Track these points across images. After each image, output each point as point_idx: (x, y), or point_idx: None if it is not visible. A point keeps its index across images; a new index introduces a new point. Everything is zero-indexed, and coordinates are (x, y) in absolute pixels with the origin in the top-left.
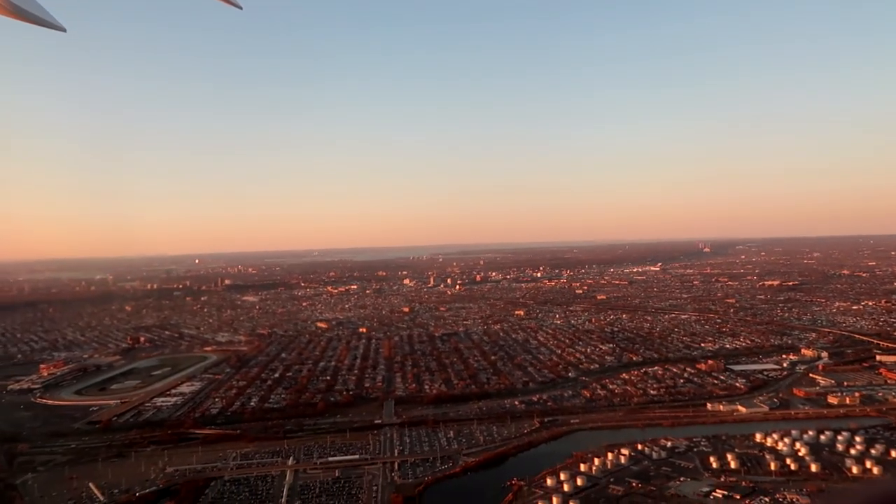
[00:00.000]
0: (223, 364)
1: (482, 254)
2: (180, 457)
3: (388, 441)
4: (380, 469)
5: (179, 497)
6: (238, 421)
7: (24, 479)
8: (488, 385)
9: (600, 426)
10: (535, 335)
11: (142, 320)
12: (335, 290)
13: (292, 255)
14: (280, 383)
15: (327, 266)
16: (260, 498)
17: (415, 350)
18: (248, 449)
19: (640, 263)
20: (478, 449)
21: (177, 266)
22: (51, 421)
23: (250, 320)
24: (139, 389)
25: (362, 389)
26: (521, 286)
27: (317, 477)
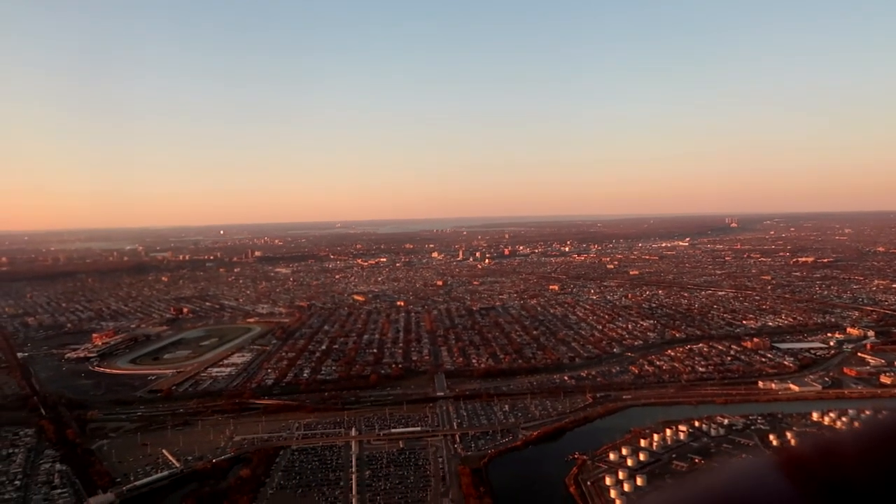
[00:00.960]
0: (268, 335)
1: (505, 227)
2: (245, 426)
3: (445, 414)
4: (441, 441)
5: (252, 465)
6: (294, 392)
7: (98, 444)
8: (535, 360)
9: (653, 402)
10: (574, 310)
11: (180, 291)
12: (365, 263)
13: (315, 226)
14: (328, 355)
15: (352, 238)
16: (329, 467)
17: (455, 324)
18: (310, 419)
19: (668, 238)
20: (535, 423)
21: (202, 237)
22: (113, 389)
23: (287, 292)
24: (191, 360)
25: (410, 363)
26: (551, 260)
27: (381, 448)
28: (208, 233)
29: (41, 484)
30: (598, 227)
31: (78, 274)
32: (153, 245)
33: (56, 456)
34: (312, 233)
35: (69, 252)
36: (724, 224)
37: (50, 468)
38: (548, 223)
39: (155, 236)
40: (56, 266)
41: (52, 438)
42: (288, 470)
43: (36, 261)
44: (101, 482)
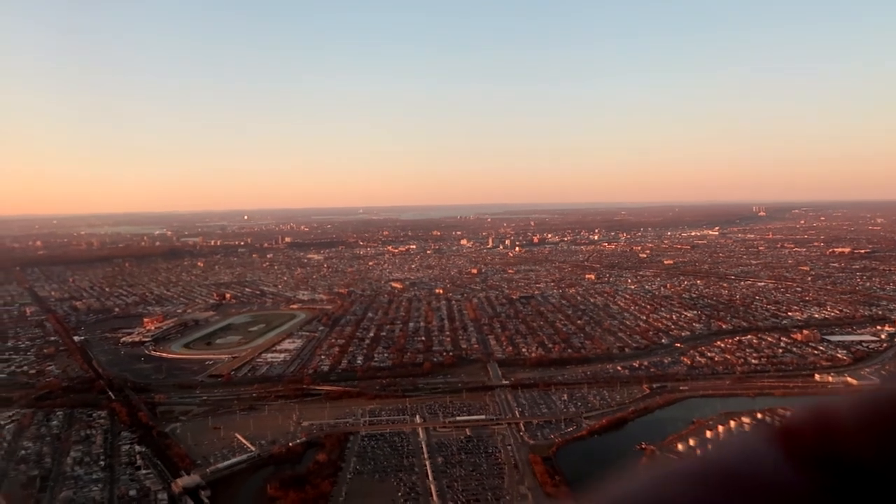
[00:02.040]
0: (314, 322)
1: (529, 214)
2: (310, 411)
3: (505, 402)
4: (506, 429)
5: (326, 450)
6: (350, 378)
7: (172, 427)
8: (584, 349)
9: (710, 394)
10: (614, 300)
11: (218, 277)
12: (396, 250)
13: (338, 212)
14: (378, 342)
15: (376, 224)
16: (401, 453)
17: (498, 313)
18: (373, 406)
19: (697, 227)
20: (596, 412)
21: (227, 222)
22: (172, 373)
23: (323, 279)
24: (243, 345)
25: (460, 351)
26: (581, 249)
27: (449, 435)
28: (232, 218)
29: (124, 465)
30: (622, 214)
31: (115, 258)
32: (181, 230)
33: (133, 438)
34: (336, 219)
35: (100, 236)
36: (752, 213)
37: (130, 449)
38: (571, 210)
39: (180, 221)
40: (91, 251)
41: (126, 421)
42: (361, 455)
43: (70, 245)
44: (183, 464)
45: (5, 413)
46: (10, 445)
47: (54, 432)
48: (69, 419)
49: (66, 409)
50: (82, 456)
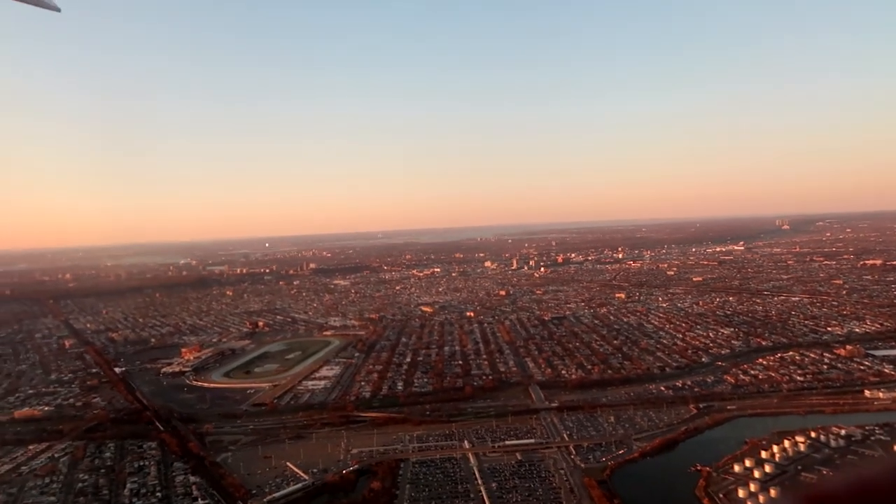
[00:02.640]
0: (349, 348)
1: (547, 233)
2: (358, 439)
3: (552, 425)
4: (557, 453)
5: (379, 477)
6: (393, 404)
7: (223, 457)
8: (624, 370)
9: (760, 413)
10: (648, 318)
11: (248, 305)
12: (420, 274)
13: (357, 237)
14: (416, 367)
15: (397, 248)
16: (454, 480)
17: (532, 334)
18: (419, 432)
19: (721, 242)
20: (646, 434)
21: (249, 250)
22: (217, 403)
23: (353, 304)
24: (282, 373)
25: (499, 374)
26: (607, 268)
27: (500, 460)
28: (253, 245)
29: (181, 495)
30: (643, 231)
31: (145, 289)
32: (204, 259)
33: (186, 468)
34: (357, 244)
35: (126, 267)
36: (775, 226)
37: (184, 480)
38: (591, 229)
39: (202, 250)
40: (120, 282)
41: (178, 451)
42: (415, 482)
43: (98, 277)
44: (238, 494)
45: (58, 445)
46: (66, 478)
47: (108, 464)
48: (121, 450)
49: (116, 440)
50: (138, 487)
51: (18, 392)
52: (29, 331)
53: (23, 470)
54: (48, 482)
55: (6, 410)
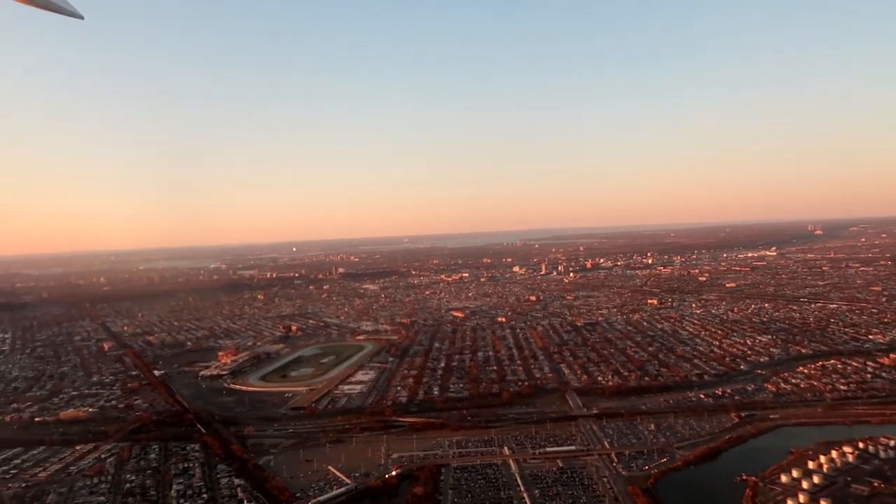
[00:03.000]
0: (383, 353)
1: (575, 239)
2: (398, 443)
3: (591, 432)
4: (598, 460)
5: (420, 482)
6: (430, 409)
7: (265, 460)
8: (661, 377)
9: (804, 422)
10: (682, 325)
11: (279, 309)
12: (449, 278)
13: (383, 241)
14: (450, 373)
15: (424, 253)
16: (496, 486)
17: (565, 340)
18: (458, 437)
19: (753, 248)
20: (688, 443)
21: (276, 254)
22: (256, 406)
23: (383, 309)
24: (317, 377)
25: (535, 380)
26: (637, 273)
27: (541, 467)
28: (281, 250)
29: (227, 497)
30: (671, 236)
31: (178, 293)
32: (234, 263)
33: (230, 470)
34: (383, 248)
35: (158, 271)
36: (807, 231)
37: (229, 482)
38: (618, 234)
39: (232, 254)
40: (153, 285)
41: (221, 454)
42: (457, 488)
43: (132, 280)
44: (283, 497)
45: (104, 446)
46: (114, 478)
47: (153, 465)
48: (165, 452)
49: (160, 442)
50: (184, 489)
51: (62, 393)
52: (68, 333)
53: (71, 470)
54: (97, 482)
55: (52, 411)
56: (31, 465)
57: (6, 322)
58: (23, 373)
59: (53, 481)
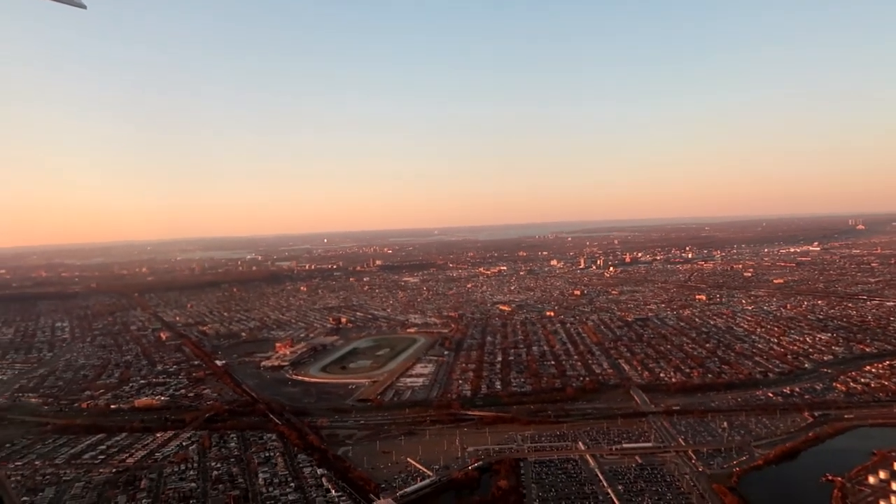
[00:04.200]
0: (436, 346)
1: (607, 232)
2: (471, 437)
3: (663, 429)
4: (676, 457)
5: (501, 476)
6: (496, 403)
7: (344, 450)
8: (724, 375)
9: (882, 423)
10: (735, 322)
11: (324, 301)
12: (487, 272)
13: (413, 233)
14: (509, 367)
15: (457, 246)
16: (577, 481)
17: (619, 336)
18: (530, 431)
19: (793, 242)
20: (764, 442)
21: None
22: (322, 397)
23: (427, 302)
24: (376, 370)
25: (596, 375)
26: (677, 268)
27: (619, 463)
28: (312, 241)
29: (313, 487)
30: (707, 230)
31: (221, 283)
32: (268, 253)
33: (311, 460)
34: (414, 240)
35: (197, 261)
36: (848, 226)
37: (312, 471)
38: (651, 227)
39: (264, 245)
40: (195, 276)
41: (299, 444)
42: (539, 482)
43: (174, 270)
44: (369, 488)
45: (183, 434)
46: (199, 465)
47: (235, 454)
48: (244, 441)
49: (236, 431)
50: (270, 477)
51: (131, 381)
52: (123, 323)
53: (157, 456)
54: (183, 469)
55: (125, 399)
56: (116, 451)
57: (61, 311)
58: (88, 361)
59: (142, 467)
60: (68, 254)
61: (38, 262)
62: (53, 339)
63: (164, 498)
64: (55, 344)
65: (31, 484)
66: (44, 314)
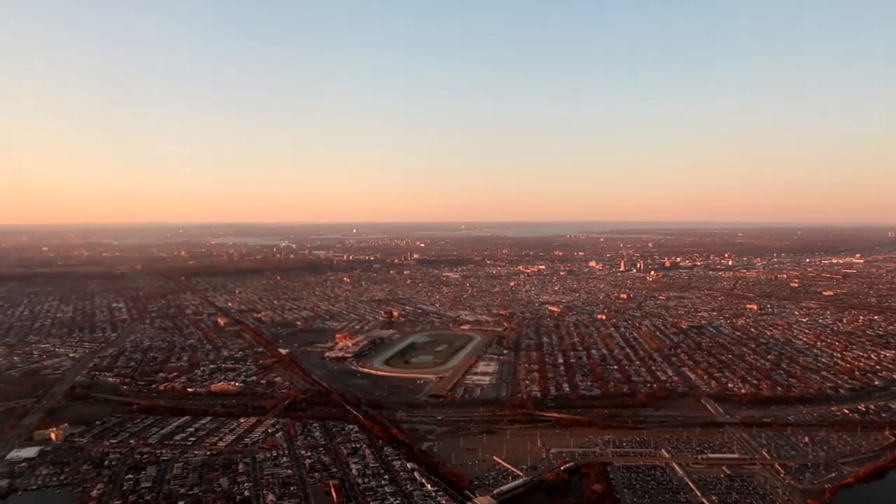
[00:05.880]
0: (493, 344)
1: (638, 233)
2: (550, 438)
3: (743, 441)
4: (763, 470)
5: (592, 479)
6: (567, 406)
7: (428, 445)
8: (794, 388)
9: None
10: (793, 334)
11: (370, 293)
12: (527, 270)
13: (439, 227)
14: (572, 369)
15: (489, 242)
16: (668, 488)
17: (676, 343)
18: (609, 436)
19: (835, 253)
20: (850, 459)
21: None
22: (393, 391)
23: (473, 298)
24: (439, 366)
25: (662, 382)
26: (719, 274)
27: (707, 472)
28: (339, 230)
29: (406, 480)
30: (740, 236)
31: (263, 270)
32: (300, 242)
33: (398, 454)
34: (442, 234)
35: (233, 247)
36: (889, 238)
37: (402, 465)
38: (683, 230)
39: (292, 232)
40: (234, 262)
41: (382, 437)
42: (630, 488)
43: (212, 255)
44: (463, 484)
45: (267, 421)
46: (290, 453)
47: (321, 443)
48: (327, 431)
49: (317, 420)
50: (362, 468)
51: (201, 366)
52: (177, 306)
53: (246, 441)
54: (275, 455)
55: (201, 383)
56: (205, 434)
57: (112, 291)
58: (153, 343)
59: (234, 451)
60: (103, 233)
61: (76, 240)
62: (112, 319)
63: (263, 482)
64: (116, 324)
65: (131, 462)
66: (97, 294)
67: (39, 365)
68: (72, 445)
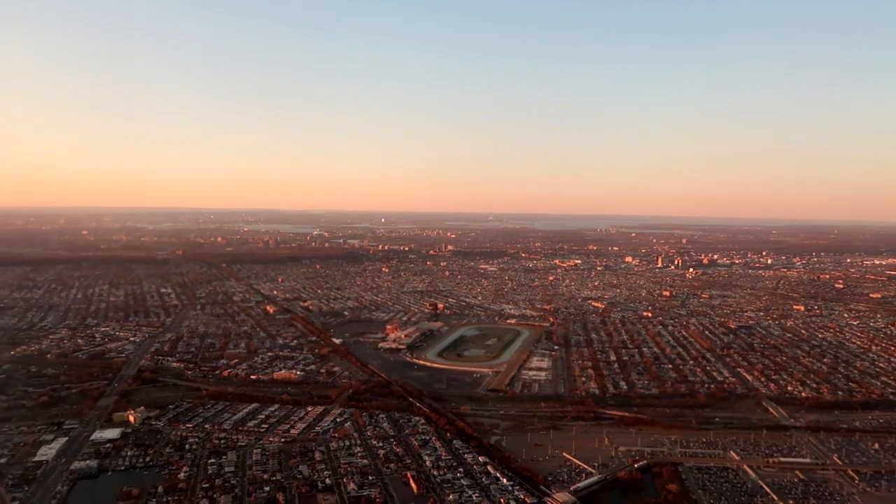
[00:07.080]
0: (543, 339)
1: (670, 229)
2: (616, 436)
3: (811, 445)
4: (836, 476)
5: (665, 479)
6: (626, 404)
7: (496, 440)
8: (855, 393)
9: None
10: (845, 337)
11: (410, 284)
12: (563, 264)
13: (466, 217)
14: (627, 367)
15: (519, 234)
16: (744, 491)
17: (727, 343)
18: (675, 436)
19: (875, 254)
20: None
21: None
22: (451, 384)
23: (514, 292)
24: (492, 360)
25: (718, 383)
26: (760, 273)
27: (780, 476)
28: (367, 219)
29: (479, 473)
30: (774, 234)
31: (301, 259)
32: (332, 230)
33: (468, 447)
34: (470, 225)
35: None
36: None
37: (473, 458)
38: (716, 227)
39: (322, 220)
40: (269, 249)
41: (450, 430)
42: (705, 489)
43: (248, 242)
44: (537, 479)
45: (333, 410)
46: (362, 442)
47: (391, 434)
48: (394, 422)
49: (383, 411)
50: (435, 461)
51: (259, 353)
52: (224, 293)
53: (317, 430)
54: (348, 444)
55: (263, 371)
56: (276, 422)
57: (157, 276)
58: (208, 329)
59: (307, 439)
60: (138, 217)
61: (113, 224)
62: (164, 304)
63: (342, 471)
64: (168, 309)
65: (210, 446)
66: (144, 279)
67: (103, 348)
68: (150, 428)
